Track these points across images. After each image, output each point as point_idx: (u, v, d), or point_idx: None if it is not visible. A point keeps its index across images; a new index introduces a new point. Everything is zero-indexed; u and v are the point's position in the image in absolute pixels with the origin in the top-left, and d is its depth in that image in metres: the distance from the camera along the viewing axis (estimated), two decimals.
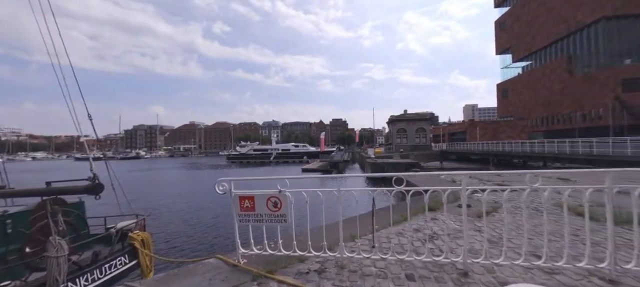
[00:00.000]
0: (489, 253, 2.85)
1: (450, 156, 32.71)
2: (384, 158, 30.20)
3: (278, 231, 3.13)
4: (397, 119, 38.77)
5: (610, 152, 13.17)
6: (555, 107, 45.75)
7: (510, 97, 57.81)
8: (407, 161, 26.53)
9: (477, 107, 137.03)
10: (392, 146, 39.40)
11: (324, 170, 35.79)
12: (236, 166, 56.84)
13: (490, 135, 38.94)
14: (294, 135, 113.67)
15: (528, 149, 20.56)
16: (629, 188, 2.42)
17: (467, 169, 25.28)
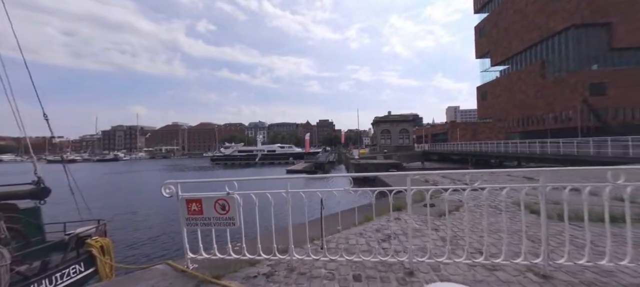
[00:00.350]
0: (439, 252, 2.91)
1: (432, 157, 33.57)
2: (367, 159, 30.52)
3: (242, 233, 3.04)
4: (381, 120, 39.34)
5: (575, 152, 13.96)
6: (530, 109, 48.04)
7: (489, 99, 60.12)
8: (390, 162, 26.93)
9: (459, 109, 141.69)
10: (376, 147, 39.90)
11: (309, 171, 35.73)
12: (220, 168, 55.74)
13: (470, 136, 40.26)
14: (281, 137, 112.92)
15: (503, 150, 21.42)
16: (560, 186, 2.53)
17: (448, 169, 26.02)
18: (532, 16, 47.50)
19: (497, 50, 57.56)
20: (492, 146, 23.14)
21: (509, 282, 2.44)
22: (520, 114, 49.90)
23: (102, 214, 6.95)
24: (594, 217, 3.80)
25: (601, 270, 2.54)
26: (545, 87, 44.86)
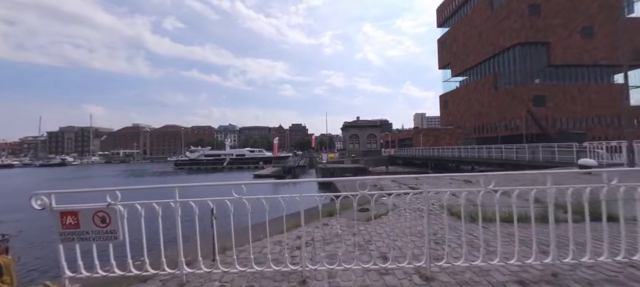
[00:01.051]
0: (347, 258, 2.91)
1: (397, 161, 34.99)
2: (335, 163, 30.84)
3: (127, 247, 2.77)
4: (350, 125, 40.12)
5: (514, 157, 15.46)
6: (484, 117, 52.34)
7: (450, 107, 64.51)
8: (356, 166, 27.45)
9: (425, 115, 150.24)
10: (345, 152, 40.54)
11: (278, 176, 35.21)
12: (184, 173, 52.77)
13: (433, 141, 42.62)
14: (252, 140, 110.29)
15: (457, 155, 22.96)
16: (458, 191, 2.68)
17: (410, 173, 27.18)
18: (486, 33, 52.11)
19: (456, 62, 62.14)
20: (449, 151, 24.73)
21: (394, 286, 2.51)
22: (477, 121, 54.15)
23: (18, 225, 6.08)
24: (502, 218, 4.17)
25: (479, 270, 2.73)
26: (497, 97, 49.25)
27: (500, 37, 48.45)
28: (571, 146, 11.48)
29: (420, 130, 47.58)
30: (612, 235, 2.77)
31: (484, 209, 3.43)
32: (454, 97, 63.24)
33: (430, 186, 2.65)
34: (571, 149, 11.43)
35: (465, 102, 58.22)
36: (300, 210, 2.88)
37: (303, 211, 2.91)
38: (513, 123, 45.38)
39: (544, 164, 12.42)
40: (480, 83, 54.42)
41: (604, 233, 2.63)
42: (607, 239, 2.63)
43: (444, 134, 45.54)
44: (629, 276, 2.52)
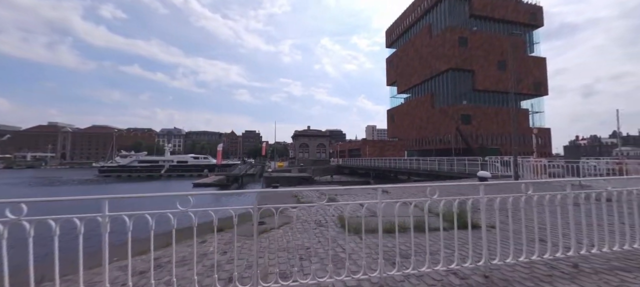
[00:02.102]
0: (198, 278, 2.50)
1: (344, 170, 36.04)
2: (281, 172, 30.23)
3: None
4: (300, 134, 40.08)
5: (436, 168, 17.17)
6: (424, 131, 57.88)
7: (396, 121, 69.83)
8: (301, 175, 27.27)
9: (376, 127, 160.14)
10: (294, 160, 40.21)
11: (221, 185, 33.00)
12: (112, 181, 45.98)
13: (378, 152, 45.11)
14: (200, 146, 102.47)
15: (394, 166, 24.57)
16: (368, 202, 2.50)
17: (353, 182, 28.06)
18: (426, 57, 58.33)
19: (402, 80, 67.96)
20: (388, 162, 26.34)
21: None
22: (418, 135, 59.54)
23: None
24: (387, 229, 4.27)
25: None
26: (434, 114, 55.07)
27: (437, 62, 54.71)
28: (476, 160, 13.32)
29: (367, 141, 50.13)
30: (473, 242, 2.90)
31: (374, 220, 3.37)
32: (399, 112, 68.74)
33: (351, 197, 2.48)
34: (477, 163, 13.24)
35: (409, 117, 63.71)
36: (193, 225, 2.41)
37: (175, 229, 2.44)
38: (446, 138, 51.08)
39: (457, 175, 14.07)
40: (420, 101, 60.30)
41: (454, 241, 2.79)
42: (449, 247, 2.75)
43: (388, 146, 48.73)
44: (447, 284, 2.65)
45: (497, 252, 2.78)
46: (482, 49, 52.36)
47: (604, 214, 3.08)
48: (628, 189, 3.17)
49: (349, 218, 2.88)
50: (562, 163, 9.90)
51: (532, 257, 2.90)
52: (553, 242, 3.07)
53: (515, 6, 56.14)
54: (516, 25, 55.88)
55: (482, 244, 2.81)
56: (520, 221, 2.93)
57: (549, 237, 2.90)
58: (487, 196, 2.95)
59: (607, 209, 3.10)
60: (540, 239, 3.50)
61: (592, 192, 3.15)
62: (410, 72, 64.08)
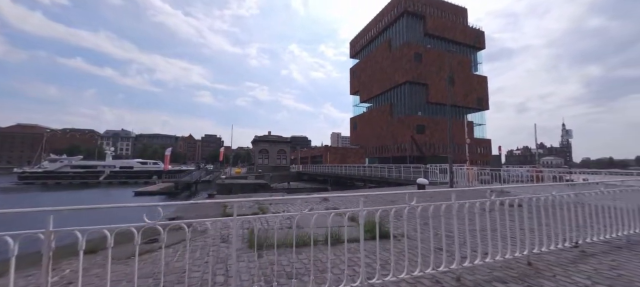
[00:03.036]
0: None
1: (304, 177, 35.69)
2: (237, 179, 28.79)
3: None
4: (260, 139, 38.86)
5: (386, 175, 17.75)
6: (383, 140, 60.47)
7: (358, 129, 72.06)
8: (257, 182, 26.24)
9: (341, 135, 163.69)
10: (253, 166, 38.75)
11: (169, 193, 30.20)
12: (36, 189, 39.36)
13: (340, 159, 45.70)
14: (151, 150, 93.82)
15: (349, 172, 24.92)
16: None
17: (312, 189, 27.75)
18: (386, 69, 61.51)
19: (364, 90, 70.61)
20: (345, 169, 26.65)
21: None
22: (378, 143, 62.00)
23: None
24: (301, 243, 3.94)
25: None
26: (392, 124, 57.96)
27: (396, 74, 58.00)
28: (419, 167, 14.11)
29: (329, 148, 50.65)
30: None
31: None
32: (361, 120, 71.10)
33: (284, 204, 2.00)
34: (420, 170, 14.01)
35: (370, 125, 66.18)
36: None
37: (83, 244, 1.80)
38: (403, 146, 53.99)
39: (403, 181, 14.69)
40: (381, 110, 63.13)
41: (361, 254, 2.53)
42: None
43: (349, 153, 49.76)
44: None
45: (404, 265, 2.60)
46: (434, 65, 56.90)
47: (507, 221, 3.12)
48: (536, 195, 3.34)
49: (262, 231, 2.47)
50: (487, 170, 10.88)
51: (426, 271, 2.78)
52: (450, 253, 3.03)
53: (462, 29, 62.41)
54: (463, 46, 62.13)
55: (402, 254, 2.61)
56: (440, 228, 2.82)
57: (447, 245, 2.81)
58: (413, 204, 2.76)
59: (518, 214, 3.18)
60: (442, 248, 3.52)
61: (505, 199, 3.24)
62: (371, 83, 66.92)
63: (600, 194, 3.89)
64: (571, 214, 3.55)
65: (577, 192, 3.84)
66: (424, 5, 59.13)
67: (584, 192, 3.83)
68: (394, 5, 60.84)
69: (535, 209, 3.36)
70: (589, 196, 3.83)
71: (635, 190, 4.38)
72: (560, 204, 3.50)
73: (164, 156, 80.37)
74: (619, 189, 4.20)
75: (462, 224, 2.88)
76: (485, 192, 3.22)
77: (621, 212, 3.92)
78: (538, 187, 5.14)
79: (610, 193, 3.99)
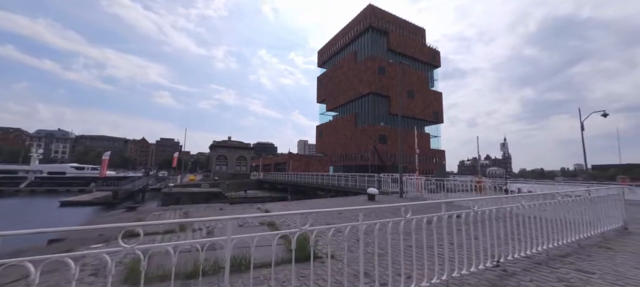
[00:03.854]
0: None
1: (265, 185, 34.26)
2: (188, 187, 26.44)
3: None
4: (218, 145, 36.58)
5: (342, 184, 17.60)
6: (348, 148, 61.49)
7: (324, 137, 72.48)
8: (210, 190, 24.34)
9: (308, 143, 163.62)
10: (210, 174, 36.26)
11: (105, 203, 26.53)
12: None
13: (303, 167, 44.98)
14: (94, 154, 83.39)
15: (308, 181, 24.40)
16: None
17: (270, 198, 26.50)
18: (351, 80, 63.18)
19: (330, 99, 71.57)
20: (304, 177, 26.02)
21: None
22: (343, 151, 62.84)
23: None
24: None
25: None
26: (356, 133, 59.32)
27: (360, 86, 59.81)
28: (373, 176, 14.25)
29: (293, 156, 49.81)
30: None
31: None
32: (327, 128, 71.72)
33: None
34: (374, 179, 14.11)
35: (335, 134, 66.98)
36: None
37: None
38: (365, 155, 55.38)
39: (359, 191, 14.63)
40: (346, 119, 64.36)
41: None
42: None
43: (313, 161, 49.42)
44: None
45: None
46: (396, 78, 59.95)
47: (434, 238, 2.76)
48: (476, 209, 3.09)
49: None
50: (433, 180, 11.25)
51: None
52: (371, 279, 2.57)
53: (420, 48, 67.12)
54: (421, 63, 66.73)
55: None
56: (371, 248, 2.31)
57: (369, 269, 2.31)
58: (359, 224, 2.20)
59: (456, 228, 2.86)
60: (366, 272, 3.14)
61: (453, 213, 2.97)
62: (337, 92, 68.15)
63: (555, 204, 3.90)
64: (500, 227, 3.38)
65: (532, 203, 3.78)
66: (388, 22, 62.51)
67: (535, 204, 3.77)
68: (360, 20, 63.30)
69: (472, 224, 3.15)
70: (529, 209, 3.76)
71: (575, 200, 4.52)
72: (490, 217, 3.30)
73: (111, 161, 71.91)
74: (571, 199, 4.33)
75: (398, 240, 2.48)
76: (436, 206, 2.89)
77: (546, 223, 3.91)
78: (486, 200, 5.08)
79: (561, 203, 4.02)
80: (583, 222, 4.48)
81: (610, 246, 4.41)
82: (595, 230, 4.79)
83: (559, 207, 4.27)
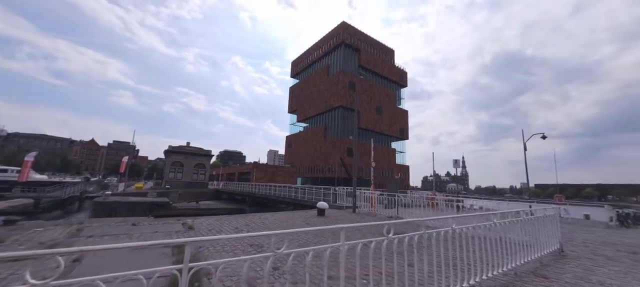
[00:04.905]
0: None
1: (223, 195, 31.91)
2: (128, 195, 23.53)
3: None
4: (174, 150, 33.64)
5: (299, 196, 16.71)
6: (317, 160, 60.91)
7: (294, 148, 71.29)
8: (156, 200, 21.84)
9: (279, 153, 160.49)
10: (162, 181, 33.07)
11: (24, 212, 22.41)
12: None
13: (269, 177, 43.24)
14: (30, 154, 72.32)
15: (265, 192, 23.06)
16: None
17: (226, 210, 24.52)
18: (322, 92, 63.56)
19: (301, 110, 71.13)
20: (261, 188, 24.56)
21: None
22: (311, 163, 62.08)
23: None
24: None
25: None
26: (325, 145, 59.16)
27: (331, 99, 60.32)
28: (329, 189, 13.68)
29: (257, 165, 47.86)
30: None
31: None
32: (297, 139, 70.77)
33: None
34: (329, 192, 13.52)
35: (305, 145, 66.22)
36: None
37: None
38: (333, 168, 55.22)
39: (314, 204, 13.93)
40: (316, 131, 64.10)
41: None
42: None
43: (280, 171, 47.90)
44: None
45: None
46: (366, 94, 61.65)
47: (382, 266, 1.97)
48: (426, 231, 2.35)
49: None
50: (385, 195, 10.93)
51: None
52: None
53: (389, 67, 70.23)
54: (390, 81, 69.68)
55: None
56: None
57: None
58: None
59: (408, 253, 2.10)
60: None
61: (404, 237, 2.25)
62: (309, 104, 68.02)
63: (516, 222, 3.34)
64: (441, 249, 2.74)
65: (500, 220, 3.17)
66: (359, 40, 64.68)
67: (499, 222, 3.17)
68: (334, 35, 64.71)
69: (415, 248, 2.46)
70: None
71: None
72: (430, 240, 2.67)
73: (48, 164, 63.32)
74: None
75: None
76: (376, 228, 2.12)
77: (485, 246, 3.39)
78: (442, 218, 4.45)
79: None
80: (521, 244, 4.13)
81: (546, 275, 4.06)
82: (533, 254, 4.48)
83: (504, 228, 3.85)
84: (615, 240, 7.67)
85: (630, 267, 4.68)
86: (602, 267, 4.61)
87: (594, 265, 4.74)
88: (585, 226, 11.16)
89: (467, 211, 12.06)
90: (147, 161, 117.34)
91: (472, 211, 12.42)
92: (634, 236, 8.94)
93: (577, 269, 4.46)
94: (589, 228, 10.48)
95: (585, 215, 15.85)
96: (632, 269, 4.60)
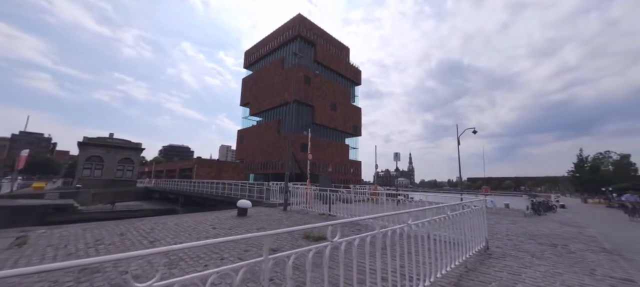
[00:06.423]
0: None
1: (155, 195, 27.78)
2: (19, 197, 18.60)
3: None
4: (91, 143, 28.18)
5: (232, 194, 14.93)
6: (270, 156, 58.47)
7: (245, 143, 67.46)
8: (53, 203, 17.60)
9: (232, 148, 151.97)
10: (74, 179, 27.53)
11: None
12: None
13: (215, 174, 39.69)
14: None
15: (201, 190, 20.54)
16: None
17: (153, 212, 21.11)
18: (277, 86, 61.14)
19: (254, 103, 67.57)
20: (196, 186, 21.85)
21: None
22: (264, 158, 59.39)
23: None
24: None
25: None
26: (278, 140, 57.08)
27: (286, 93, 58.31)
28: (262, 185, 12.39)
29: (200, 160, 43.67)
30: None
31: None
32: (250, 133, 67.10)
33: None
34: (269, 190, 12.20)
35: (257, 140, 63.08)
36: None
37: None
38: (286, 163, 53.61)
39: (255, 202, 12.36)
40: (269, 125, 61.48)
41: None
42: None
43: (227, 167, 44.46)
44: None
45: None
46: (320, 90, 61.18)
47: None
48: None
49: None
50: (318, 189, 10.04)
51: None
52: None
53: (345, 65, 71.04)
54: (344, 78, 70.54)
55: None
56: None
57: None
58: None
59: None
60: None
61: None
62: (262, 97, 64.94)
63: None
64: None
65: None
66: (315, 35, 63.80)
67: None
68: (290, 27, 62.62)
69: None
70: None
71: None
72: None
73: None
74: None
75: None
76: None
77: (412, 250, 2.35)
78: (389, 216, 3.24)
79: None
80: (449, 243, 3.32)
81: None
82: (460, 257, 3.74)
83: (433, 225, 2.93)
84: (534, 230, 7.86)
85: (554, 265, 4.32)
86: (528, 268, 4.12)
87: (520, 266, 4.25)
88: (506, 215, 11.80)
89: (408, 206, 11.79)
90: (67, 156, 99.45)
91: (414, 205, 12.25)
92: (547, 223, 9.51)
93: (503, 272, 3.87)
94: (510, 217, 11.04)
95: (506, 204, 17.42)
96: (557, 267, 4.22)
